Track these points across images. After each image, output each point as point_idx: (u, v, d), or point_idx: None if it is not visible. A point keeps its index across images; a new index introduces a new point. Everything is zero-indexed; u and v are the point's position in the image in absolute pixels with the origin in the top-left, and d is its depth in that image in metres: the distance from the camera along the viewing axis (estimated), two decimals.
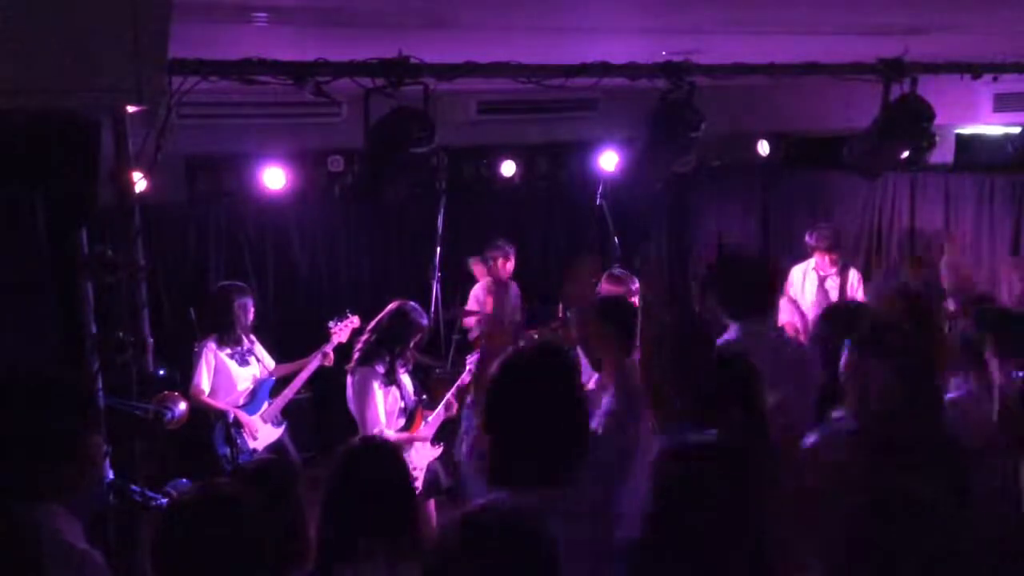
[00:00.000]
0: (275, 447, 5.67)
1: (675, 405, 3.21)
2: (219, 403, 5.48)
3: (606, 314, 3.87)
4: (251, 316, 5.69)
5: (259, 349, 5.80)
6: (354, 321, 5.76)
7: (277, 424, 5.72)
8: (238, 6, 3.37)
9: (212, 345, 5.53)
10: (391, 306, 5.01)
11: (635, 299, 5.32)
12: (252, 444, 5.51)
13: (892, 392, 2.79)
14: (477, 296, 7.43)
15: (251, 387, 5.63)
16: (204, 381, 5.46)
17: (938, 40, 4.71)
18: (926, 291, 4.75)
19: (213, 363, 5.51)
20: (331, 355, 5.75)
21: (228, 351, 5.57)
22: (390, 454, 2.84)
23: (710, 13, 3.99)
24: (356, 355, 4.96)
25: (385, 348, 4.90)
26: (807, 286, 7.13)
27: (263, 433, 5.59)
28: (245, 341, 5.68)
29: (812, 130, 7.58)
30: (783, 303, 7.36)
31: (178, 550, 2.21)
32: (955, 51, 5.20)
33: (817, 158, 7.57)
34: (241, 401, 5.57)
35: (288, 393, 5.74)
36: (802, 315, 6.82)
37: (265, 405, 5.66)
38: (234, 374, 5.56)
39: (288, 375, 5.80)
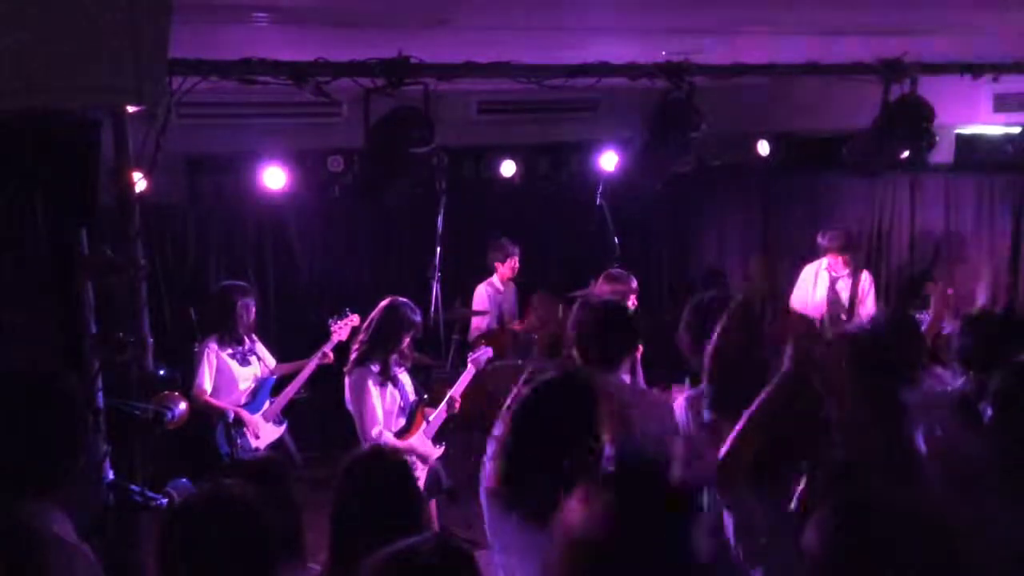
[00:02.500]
0: (276, 446, 5.69)
1: None
2: (221, 403, 5.49)
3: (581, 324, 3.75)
4: (253, 316, 5.69)
5: (260, 348, 5.81)
6: (354, 319, 5.76)
7: (278, 423, 5.74)
8: (238, 6, 3.38)
9: (213, 345, 5.54)
10: (382, 304, 4.99)
11: (632, 298, 5.29)
12: (254, 443, 5.52)
13: None
14: (487, 294, 7.43)
15: (252, 386, 5.64)
16: (206, 381, 5.47)
17: (938, 40, 4.72)
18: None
19: (215, 363, 5.51)
20: (330, 354, 5.75)
21: (229, 351, 5.57)
22: (394, 460, 2.84)
23: (710, 13, 3.99)
24: (353, 356, 4.95)
25: (379, 346, 4.88)
26: (818, 286, 7.14)
27: (265, 432, 5.60)
28: (246, 341, 5.69)
29: (812, 130, 7.58)
30: (792, 303, 7.37)
31: (184, 550, 2.22)
32: (955, 51, 5.20)
33: (817, 158, 7.57)
34: (243, 400, 5.58)
35: (289, 391, 5.75)
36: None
37: (267, 404, 5.68)
38: (235, 373, 5.57)
39: (288, 375, 5.81)
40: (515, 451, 2.78)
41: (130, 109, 3.25)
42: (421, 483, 4.98)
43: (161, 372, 4.97)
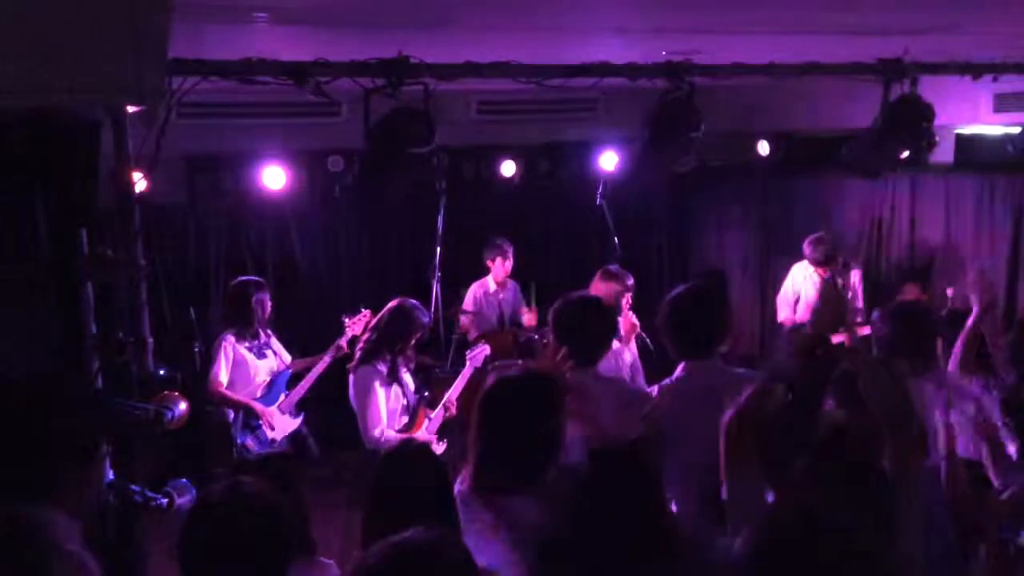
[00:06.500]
0: (294, 437, 5.75)
1: None
2: (236, 395, 5.54)
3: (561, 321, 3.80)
4: (268, 310, 5.76)
5: (275, 343, 5.87)
6: (367, 315, 5.78)
7: (295, 415, 5.80)
8: (238, 6, 3.38)
9: (231, 338, 5.59)
10: (391, 304, 5.01)
11: (628, 296, 5.29)
12: (270, 435, 5.59)
13: None
14: (475, 295, 7.44)
15: (268, 379, 5.70)
16: (222, 373, 5.52)
17: (938, 40, 4.72)
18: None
19: (231, 356, 5.57)
20: (345, 346, 5.78)
21: (246, 344, 5.64)
22: (429, 456, 2.91)
23: (710, 13, 3.99)
24: (358, 354, 4.96)
25: (386, 346, 4.89)
26: (807, 286, 7.15)
27: (280, 424, 5.66)
28: (262, 335, 5.75)
29: (812, 130, 7.59)
30: (780, 300, 7.39)
31: (206, 546, 2.25)
32: (955, 51, 5.20)
33: (817, 158, 7.57)
34: (259, 393, 5.64)
35: (305, 384, 5.79)
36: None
37: (282, 396, 5.74)
38: (252, 366, 5.63)
39: (302, 370, 5.85)
40: (483, 449, 2.88)
41: (130, 109, 3.25)
42: None
43: (161, 372, 4.98)
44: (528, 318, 7.25)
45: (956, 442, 3.24)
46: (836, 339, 5.40)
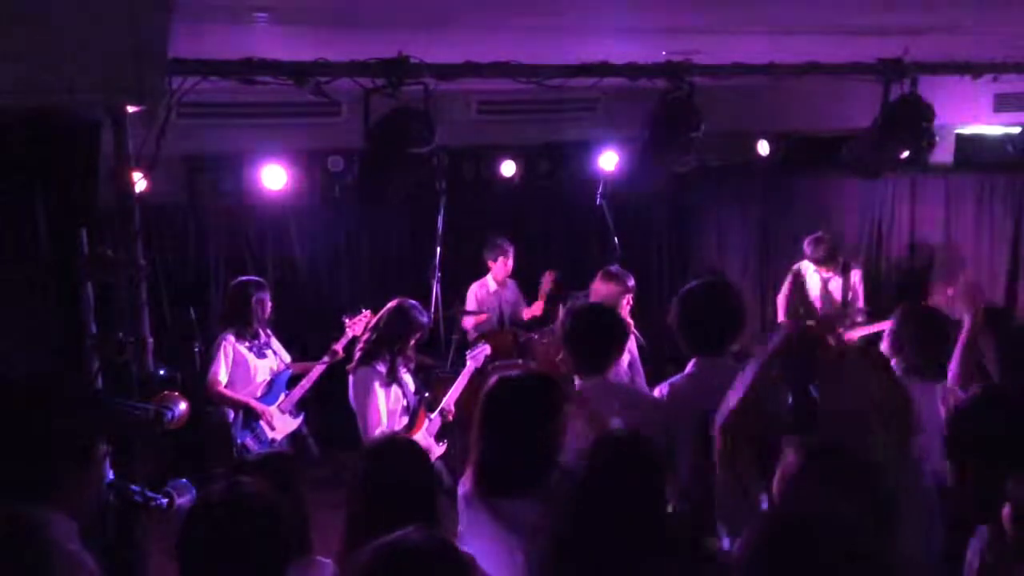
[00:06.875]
0: (294, 437, 5.79)
1: None
2: (236, 394, 5.56)
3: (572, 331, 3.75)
4: (268, 310, 5.77)
5: (275, 343, 5.89)
6: (367, 316, 5.79)
7: (295, 415, 5.82)
8: (238, 6, 3.38)
9: (231, 338, 5.61)
10: (390, 304, 5.01)
11: (629, 297, 5.28)
12: (271, 434, 5.62)
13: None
14: (476, 295, 7.44)
15: (268, 379, 5.72)
16: (222, 372, 5.54)
17: (938, 40, 4.72)
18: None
19: (231, 355, 5.59)
20: (340, 351, 5.80)
21: (246, 344, 5.66)
22: (414, 451, 2.91)
23: (710, 13, 3.99)
24: (357, 355, 4.96)
25: (385, 347, 4.89)
26: (809, 286, 7.16)
27: (280, 423, 5.69)
28: (262, 335, 5.77)
29: (812, 130, 7.59)
30: (780, 300, 7.41)
31: (205, 547, 2.26)
32: (955, 51, 5.20)
33: (817, 158, 7.57)
34: (259, 392, 5.67)
35: (305, 384, 5.82)
36: None
37: (282, 396, 5.76)
38: (252, 366, 5.65)
39: (298, 374, 5.87)
40: (484, 450, 2.90)
41: (130, 109, 3.25)
42: None
43: (161, 372, 4.98)
44: (546, 283, 7.26)
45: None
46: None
